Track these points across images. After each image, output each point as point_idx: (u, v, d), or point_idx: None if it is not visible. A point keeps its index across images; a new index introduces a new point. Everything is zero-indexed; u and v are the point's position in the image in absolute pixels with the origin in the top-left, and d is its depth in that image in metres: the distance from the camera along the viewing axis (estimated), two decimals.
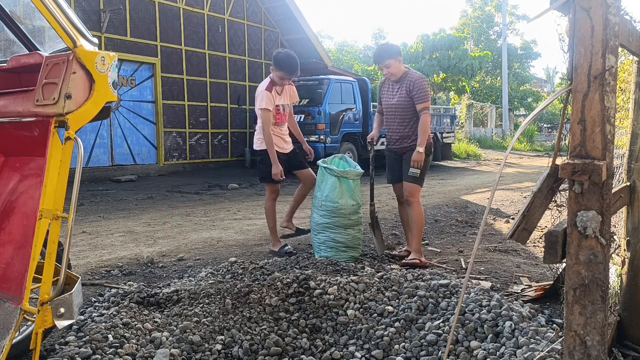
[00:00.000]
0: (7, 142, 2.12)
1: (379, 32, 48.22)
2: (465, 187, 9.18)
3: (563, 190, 1.64)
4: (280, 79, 4.09)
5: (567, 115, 1.57)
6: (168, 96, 11.92)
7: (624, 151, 2.24)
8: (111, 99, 1.87)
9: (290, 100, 4.32)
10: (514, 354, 2.10)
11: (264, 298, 2.75)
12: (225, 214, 6.46)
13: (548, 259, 1.52)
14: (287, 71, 4.07)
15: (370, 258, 4.07)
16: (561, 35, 1.63)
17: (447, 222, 5.72)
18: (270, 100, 4.05)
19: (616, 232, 2.40)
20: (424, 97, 3.85)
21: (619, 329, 2.22)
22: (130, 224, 5.72)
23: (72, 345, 2.26)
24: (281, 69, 4.06)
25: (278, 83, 4.12)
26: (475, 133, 23.63)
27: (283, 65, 4.05)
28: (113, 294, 2.98)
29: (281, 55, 4.12)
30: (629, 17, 1.92)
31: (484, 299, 2.58)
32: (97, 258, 4.20)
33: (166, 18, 11.72)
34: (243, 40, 13.64)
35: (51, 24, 1.71)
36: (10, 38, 2.36)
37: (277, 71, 4.07)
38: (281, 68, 4.06)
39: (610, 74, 1.39)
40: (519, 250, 4.42)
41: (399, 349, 2.33)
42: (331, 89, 11.12)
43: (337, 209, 3.90)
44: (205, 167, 12.77)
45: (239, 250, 4.47)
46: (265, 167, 4.13)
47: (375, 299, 2.75)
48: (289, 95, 4.29)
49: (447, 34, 24.45)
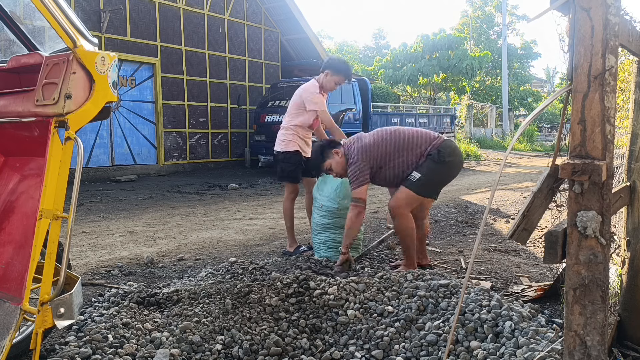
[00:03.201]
0: (7, 142, 2.12)
1: (379, 32, 48.27)
2: (465, 187, 9.18)
3: (563, 190, 1.64)
4: (335, 83, 4.18)
5: (567, 115, 1.56)
6: (168, 96, 11.92)
7: (624, 151, 2.24)
8: (111, 99, 1.87)
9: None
10: (514, 354, 2.10)
11: (264, 298, 2.75)
12: (225, 214, 6.46)
13: (548, 259, 1.52)
14: (345, 75, 4.20)
15: (370, 258, 4.07)
16: (561, 35, 1.63)
17: (447, 222, 5.72)
18: (324, 102, 4.18)
19: (616, 232, 2.40)
20: (352, 181, 3.46)
21: (619, 329, 2.22)
22: (130, 224, 5.72)
23: (72, 345, 2.26)
24: (339, 73, 4.16)
25: (329, 88, 4.21)
26: (475, 133, 23.63)
27: (342, 69, 4.18)
28: (113, 294, 2.98)
29: (338, 61, 4.27)
30: (629, 17, 1.93)
31: (484, 299, 2.57)
32: (97, 258, 4.20)
33: (166, 18, 11.72)
34: (243, 40, 13.64)
35: (51, 24, 1.71)
36: (10, 38, 2.36)
37: (334, 75, 4.15)
38: (340, 72, 4.16)
39: (610, 74, 1.39)
40: (519, 250, 4.42)
41: (399, 349, 2.33)
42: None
43: (337, 210, 3.90)
44: (205, 167, 12.77)
45: (239, 250, 4.47)
46: (289, 166, 4.19)
47: (375, 299, 2.75)
48: None
49: (447, 34, 24.47)
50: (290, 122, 4.20)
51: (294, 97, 4.23)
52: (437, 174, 3.45)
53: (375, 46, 46.00)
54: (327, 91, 4.24)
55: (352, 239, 3.57)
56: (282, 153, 4.23)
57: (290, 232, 4.31)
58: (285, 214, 4.30)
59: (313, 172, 4.02)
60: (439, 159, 3.40)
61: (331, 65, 4.17)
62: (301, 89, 4.21)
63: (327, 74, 4.15)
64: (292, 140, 4.19)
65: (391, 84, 25.56)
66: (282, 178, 4.32)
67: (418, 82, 25.03)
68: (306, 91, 4.15)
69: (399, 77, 25.01)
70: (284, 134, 4.23)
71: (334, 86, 4.20)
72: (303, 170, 4.28)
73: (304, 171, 4.30)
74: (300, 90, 4.21)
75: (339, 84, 4.21)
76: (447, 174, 3.54)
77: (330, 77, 4.14)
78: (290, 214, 4.29)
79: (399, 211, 3.41)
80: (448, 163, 3.43)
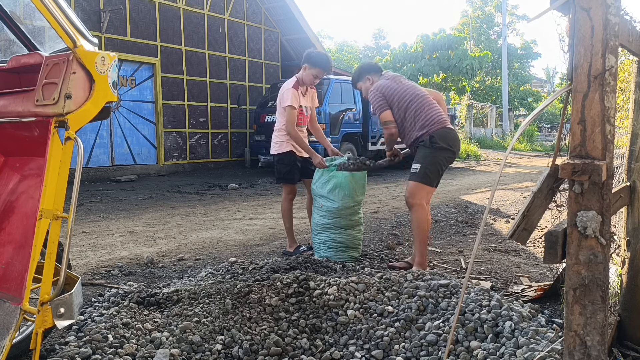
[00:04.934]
0: (7, 142, 2.12)
1: (379, 32, 48.29)
2: (465, 187, 9.18)
3: (563, 190, 1.64)
4: (314, 77, 4.11)
5: (567, 115, 1.56)
6: (168, 96, 11.92)
7: (624, 151, 2.24)
8: (111, 99, 1.87)
9: (312, 103, 4.34)
10: (514, 354, 2.10)
11: (264, 298, 2.75)
12: (225, 214, 6.46)
13: (548, 259, 1.52)
14: (322, 68, 4.11)
15: (370, 258, 4.07)
16: (561, 35, 1.63)
17: (447, 222, 5.72)
18: (296, 99, 4.07)
19: (616, 232, 2.40)
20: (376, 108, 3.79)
21: (619, 329, 2.22)
22: (130, 224, 5.72)
23: (72, 345, 2.26)
24: (317, 66, 4.08)
25: (308, 82, 4.14)
26: (475, 133, 23.63)
27: (318, 62, 4.09)
28: (113, 294, 2.98)
29: (315, 53, 4.18)
30: (629, 17, 1.93)
31: (484, 299, 2.57)
32: (97, 258, 4.20)
33: (166, 18, 11.72)
34: (243, 40, 13.64)
35: (51, 24, 1.71)
36: (10, 38, 2.36)
37: (311, 68, 4.08)
38: (317, 65, 4.08)
39: (610, 74, 1.39)
40: (519, 250, 4.42)
41: (399, 349, 2.33)
42: (331, 89, 11.12)
43: (337, 210, 3.90)
44: (205, 167, 12.78)
45: (239, 250, 4.47)
46: (283, 167, 4.17)
47: (375, 299, 2.75)
48: (311, 98, 4.31)
49: (447, 34, 24.46)
50: (280, 122, 4.18)
51: (278, 97, 4.21)
52: (433, 160, 3.56)
53: (375, 46, 46.01)
54: (308, 85, 4.18)
55: (393, 145, 3.92)
56: (276, 155, 4.22)
57: (290, 232, 4.30)
58: (284, 214, 4.30)
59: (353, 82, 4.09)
60: (431, 145, 3.55)
61: (309, 59, 4.11)
62: (281, 87, 4.21)
63: (304, 68, 4.12)
64: (285, 141, 4.16)
65: None
66: (279, 180, 4.32)
67: (418, 82, 25.00)
68: (282, 88, 4.15)
69: None
70: (276, 135, 4.21)
71: (313, 80, 4.13)
72: (301, 170, 4.27)
73: (303, 172, 4.29)
74: (280, 90, 4.20)
75: (318, 77, 4.13)
76: (443, 157, 3.60)
77: (308, 70, 4.10)
78: (289, 215, 4.28)
79: (413, 201, 3.55)
80: (441, 149, 3.55)
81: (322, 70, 4.11)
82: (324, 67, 4.12)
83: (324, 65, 4.11)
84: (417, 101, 3.68)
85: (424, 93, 3.76)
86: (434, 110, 3.67)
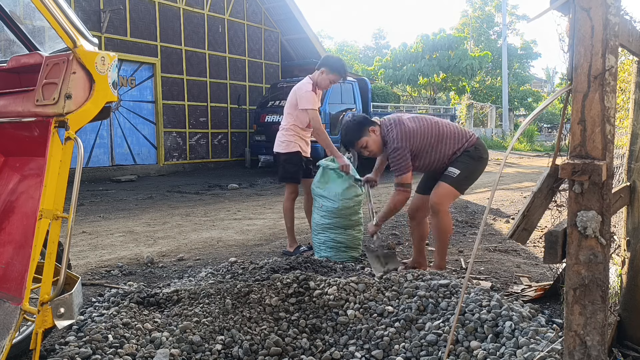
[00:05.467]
0: (7, 142, 2.12)
1: (379, 32, 48.31)
2: None
3: (563, 190, 1.64)
4: (330, 82, 4.16)
5: (567, 115, 1.56)
6: (168, 96, 11.92)
7: (624, 151, 2.24)
8: (111, 99, 1.87)
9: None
10: (514, 354, 2.10)
11: (264, 298, 2.75)
12: (225, 214, 6.46)
13: (548, 259, 1.52)
14: (340, 74, 4.16)
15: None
16: (561, 35, 1.63)
17: None
18: (315, 101, 4.14)
19: (616, 232, 2.40)
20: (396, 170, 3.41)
21: (619, 329, 2.21)
22: (130, 224, 5.72)
23: (72, 345, 2.26)
24: (335, 71, 4.13)
25: (323, 86, 4.19)
26: (475, 133, 23.62)
27: (337, 68, 4.14)
28: (113, 294, 2.98)
29: (335, 59, 4.25)
30: (629, 17, 1.93)
31: (484, 299, 2.57)
32: (97, 258, 4.20)
33: (166, 18, 11.72)
34: (243, 40, 13.64)
35: (51, 24, 1.71)
36: (10, 38, 2.36)
37: (330, 73, 4.12)
38: (335, 70, 4.12)
39: (610, 74, 1.39)
40: (519, 250, 4.42)
41: (399, 349, 2.33)
42: (331, 88, 11.09)
43: (337, 210, 3.90)
44: (205, 167, 12.77)
45: (239, 250, 4.47)
46: (292, 167, 4.20)
47: (375, 299, 2.75)
48: (318, 99, 4.34)
49: (447, 34, 24.49)
50: (288, 122, 4.20)
51: (290, 96, 4.23)
52: (473, 170, 3.47)
53: (375, 46, 46.03)
54: (321, 89, 4.22)
55: (388, 218, 3.68)
56: (283, 154, 4.23)
57: (291, 232, 4.31)
58: (286, 214, 4.31)
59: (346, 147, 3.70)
60: (476, 156, 3.44)
61: (327, 63, 4.15)
62: (296, 87, 4.21)
63: (322, 72, 4.14)
64: (293, 141, 4.19)
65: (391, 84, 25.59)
66: (283, 179, 4.32)
67: (418, 82, 25.06)
68: (300, 89, 4.16)
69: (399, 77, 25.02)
70: (284, 134, 4.23)
71: (329, 84, 4.18)
72: (303, 171, 4.28)
73: (304, 172, 4.30)
74: (294, 89, 4.21)
75: (334, 82, 4.19)
76: (480, 170, 3.54)
77: (325, 75, 4.13)
78: (291, 214, 4.29)
79: (441, 207, 3.38)
80: (483, 160, 3.50)
81: (339, 76, 4.17)
82: (342, 73, 4.18)
83: (342, 71, 4.18)
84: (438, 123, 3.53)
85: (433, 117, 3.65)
86: (457, 126, 3.63)
